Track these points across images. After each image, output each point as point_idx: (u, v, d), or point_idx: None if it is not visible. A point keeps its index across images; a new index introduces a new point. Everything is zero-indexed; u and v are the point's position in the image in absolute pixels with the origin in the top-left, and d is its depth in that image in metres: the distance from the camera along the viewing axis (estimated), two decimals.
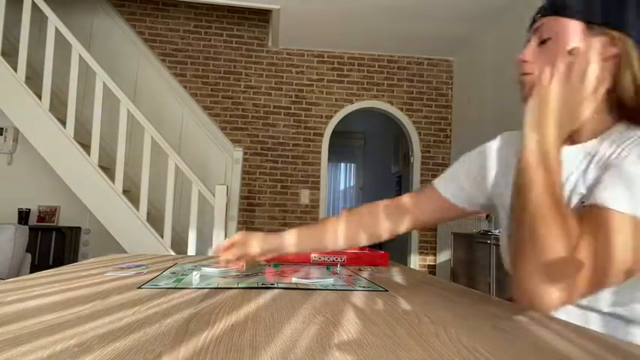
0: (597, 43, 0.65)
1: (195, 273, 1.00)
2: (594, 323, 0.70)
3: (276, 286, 0.86)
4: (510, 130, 0.91)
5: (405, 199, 1.00)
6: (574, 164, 0.72)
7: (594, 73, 0.64)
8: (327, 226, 1.05)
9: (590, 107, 0.65)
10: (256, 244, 1.04)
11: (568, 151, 0.71)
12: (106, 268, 1.07)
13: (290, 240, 1.05)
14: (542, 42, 0.72)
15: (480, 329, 0.58)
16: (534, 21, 0.75)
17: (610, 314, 0.68)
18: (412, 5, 3.73)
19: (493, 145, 0.92)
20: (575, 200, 0.71)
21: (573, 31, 0.67)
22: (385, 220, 1.00)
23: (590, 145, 0.71)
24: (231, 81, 4.80)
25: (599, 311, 0.69)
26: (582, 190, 0.69)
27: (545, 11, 0.72)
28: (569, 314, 0.69)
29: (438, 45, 4.57)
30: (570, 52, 0.66)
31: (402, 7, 3.76)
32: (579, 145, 0.72)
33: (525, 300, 0.60)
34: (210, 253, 3.56)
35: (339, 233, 1.03)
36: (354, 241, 1.04)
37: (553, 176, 0.63)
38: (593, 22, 0.66)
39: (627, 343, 0.54)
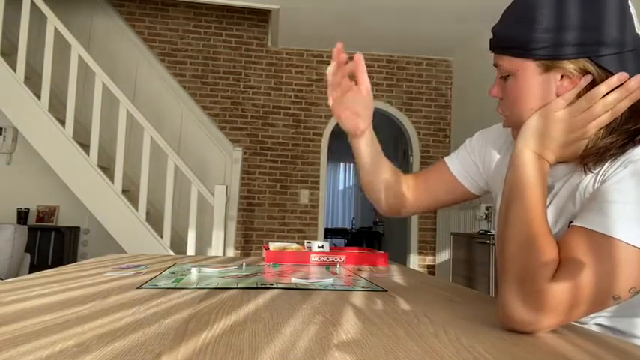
0: (551, 80, 0.65)
1: (194, 269, 1.00)
2: None
3: (275, 286, 0.86)
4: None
5: (423, 172, 1.03)
6: (563, 181, 0.71)
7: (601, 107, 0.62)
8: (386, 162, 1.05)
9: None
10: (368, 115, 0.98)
11: (562, 168, 0.71)
12: (105, 268, 1.07)
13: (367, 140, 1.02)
14: (504, 77, 0.72)
15: (480, 329, 0.58)
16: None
17: (609, 327, 0.69)
18: (411, 5, 3.73)
19: (488, 135, 0.94)
20: (562, 221, 0.70)
21: (525, 69, 0.67)
22: (419, 186, 1.02)
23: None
24: (230, 81, 4.80)
25: (597, 324, 0.69)
26: (571, 209, 0.69)
27: (495, 49, 0.72)
28: None
29: (437, 45, 4.57)
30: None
31: (401, 7, 3.76)
32: (570, 164, 0.70)
33: (509, 325, 0.57)
34: (209, 253, 3.56)
35: (389, 174, 1.04)
36: (393, 190, 1.04)
37: (543, 195, 0.62)
38: (540, 58, 0.65)
39: (627, 343, 0.54)
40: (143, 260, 1.29)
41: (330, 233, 7.64)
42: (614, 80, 0.61)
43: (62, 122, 3.41)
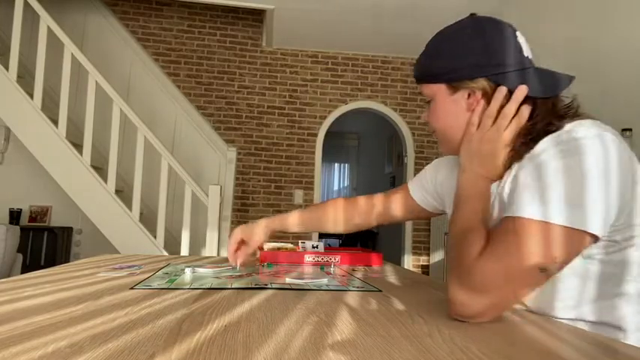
0: (460, 99, 0.78)
1: (188, 269, 1.00)
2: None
3: (269, 286, 0.86)
4: None
5: (393, 200, 1.17)
6: (500, 196, 0.81)
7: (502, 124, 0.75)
8: (327, 210, 1.22)
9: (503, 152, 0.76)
10: (260, 232, 1.17)
11: (493, 187, 0.81)
12: (99, 269, 1.06)
13: (294, 220, 1.21)
14: (428, 102, 0.85)
15: (474, 329, 0.58)
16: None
17: (598, 323, 0.70)
18: (406, 6, 3.74)
19: (441, 160, 1.08)
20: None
21: (440, 93, 0.81)
22: (375, 211, 1.18)
23: (509, 174, 0.79)
24: (224, 81, 4.79)
25: (586, 321, 0.70)
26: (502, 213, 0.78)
27: (416, 80, 0.87)
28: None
29: None
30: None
31: (396, 7, 3.77)
32: (499, 182, 0.80)
33: (453, 310, 0.64)
34: (203, 253, 3.55)
35: (337, 218, 1.20)
36: (349, 227, 1.21)
37: (480, 202, 0.74)
38: (448, 81, 0.79)
39: (620, 343, 0.55)
40: (137, 261, 1.28)
41: (324, 234, 7.64)
42: (500, 95, 0.74)
43: (55, 122, 3.38)
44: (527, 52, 0.78)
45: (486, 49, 0.76)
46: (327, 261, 1.33)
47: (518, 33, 0.79)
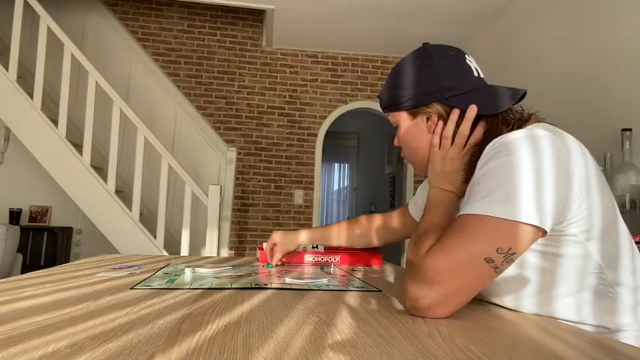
0: (420, 122, 0.87)
1: (188, 269, 1.00)
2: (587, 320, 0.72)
3: (269, 286, 0.86)
4: None
5: (394, 216, 1.27)
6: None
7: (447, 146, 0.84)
8: (367, 225, 1.31)
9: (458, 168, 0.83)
10: (304, 237, 1.29)
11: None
12: (99, 269, 1.06)
13: (334, 233, 1.31)
14: (396, 129, 0.93)
15: (473, 329, 0.58)
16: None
17: (597, 326, 0.70)
18: (406, 6, 3.74)
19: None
20: None
21: (402, 119, 0.89)
22: (377, 232, 1.29)
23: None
24: (224, 81, 4.79)
25: (587, 324, 0.71)
26: None
27: (383, 110, 0.94)
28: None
29: None
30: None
31: (396, 8, 3.77)
32: None
33: (408, 304, 0.67)
34: (203, 253, 3.55)
35: (371, 234, 1.30)
36: (378, 242, 1.31)
37: (439, 209, 0.81)
38: (407, 109, 0.87)
39: (620, 343, 0.55)
40: (136, 261, 1.28)
41: None
42: (454, 116, 0.82)
43: (55, 122, 3.38)
44: (477, 72, 0.86)
45: (436, 76, 0.84)
46: (327, 261, 1.33)
47: (467, 56, 0.87)
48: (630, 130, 2.21)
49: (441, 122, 0.84)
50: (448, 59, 0.85)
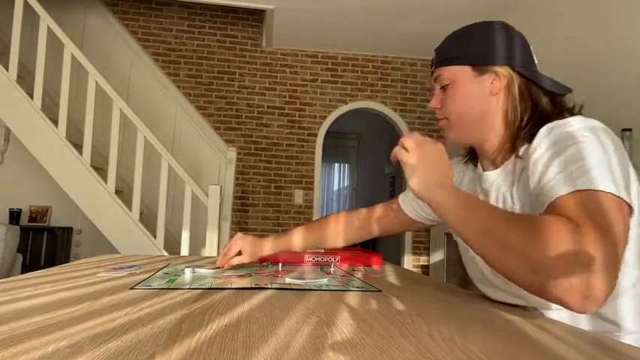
0: (485, 81, 0.82)
1: (188, 269, 1.00)
2: (584, 326, 0.71)
3: (269, 286, 0.86)
4: None
5: (380, 209, 1.16)
6: (499, 184, 0.84)
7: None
8: (328, 227, 1.20)
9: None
10: (267, 250, 1.20)
11: (493, 174, 0.85)
12: (99, 269, 1.06)
13: (296, 239, 1.20)
14: (443, 88, 0.87)
15: (473, 329, 0.58)
16: (433, 72, 0.91)
17: (598, 315, 0.71)
18: (406, 6, 3.74)
19: None
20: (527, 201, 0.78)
21: (464, 75, 0.83)
22: (370, 225, 1.17)
23: (509, 164, 0.82)
24: (224, 81, 4.79)
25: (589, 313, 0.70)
26: (516, 205, 0.79)
27: (438, 64, 0.88)
28: (560, 317, 0.70)
29: (431, 46, 4.55)
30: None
31: (396, 7, 3.77)
32: (499, 169, 0.84)
33: (585, 301, 0.56)
34: (203, 253, 3.55)
35: (337, 234, 1.19)
36: (348, 242, 1.21)
37: (482, 204, 0.70)
38: (476, 64, 0.82)
39: (620, 343, 0.55)
40: (136, 261, 1.28)
41: None
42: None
43: (55, 122, 3.38)
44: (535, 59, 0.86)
45: (511, 43, 0.82)
46: (327, 261, 1.33)
47: (530, 44, 0.86)
48: (630, 130, 2.21)
49: (504, 89, 0.82)
50: (522, 37, 0.85)
